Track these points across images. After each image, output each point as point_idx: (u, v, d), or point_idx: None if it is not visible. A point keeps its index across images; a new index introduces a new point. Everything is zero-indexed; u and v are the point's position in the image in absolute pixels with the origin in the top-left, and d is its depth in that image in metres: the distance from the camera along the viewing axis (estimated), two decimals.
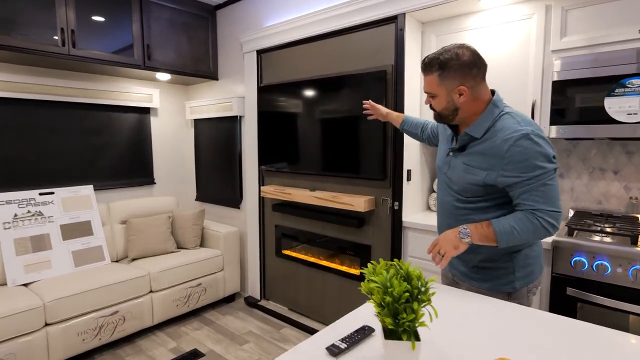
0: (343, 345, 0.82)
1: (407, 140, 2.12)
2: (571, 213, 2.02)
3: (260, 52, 2.79)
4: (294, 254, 2.77)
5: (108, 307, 2.29)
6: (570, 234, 1.61)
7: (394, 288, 0.70)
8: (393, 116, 1.75)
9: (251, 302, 3.00)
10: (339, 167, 2.34)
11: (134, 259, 2.75)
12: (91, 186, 2.79)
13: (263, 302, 2.98)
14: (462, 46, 1.20)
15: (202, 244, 3.08)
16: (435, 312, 0.69)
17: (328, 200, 2.33)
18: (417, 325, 0.71)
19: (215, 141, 3.26)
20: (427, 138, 1.64)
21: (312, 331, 2.56)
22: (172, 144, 3.44)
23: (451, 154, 1.31)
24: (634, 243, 1.47)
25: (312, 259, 2.66)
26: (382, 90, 2.08)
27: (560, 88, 1.72)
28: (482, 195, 1.21)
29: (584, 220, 1.76)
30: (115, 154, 3.05)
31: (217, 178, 3.30)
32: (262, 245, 2.98)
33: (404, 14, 1.99)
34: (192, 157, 3.54)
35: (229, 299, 3.07)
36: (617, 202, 1.92)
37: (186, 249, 2.95)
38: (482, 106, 1.21)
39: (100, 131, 2.95)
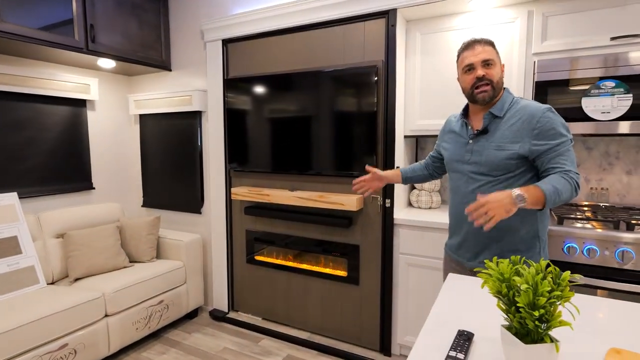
0: (461, 355, 0.74)
1: (398, 137, 2.11)
2: None
3: (226, 42, 2.55)
4: (268, 260, 2.59)
5: (54, 341, 1.88)
6: (560, 222, 1.74)
7: (541, 288, 0.64)
8: (389, 175, 1.72)
9: (218, 316, 2.73)
10: (323, 166, 2.24)
11: (77, 279, 2.31)
12: (15, 194, 2.27)
13: (232, 315, 2.74)
14: None
15: (158, 255, 2.72)
16: (577, 309, 0.65)
17: (313, 200, 2.21)
18: (555, 326, 0.66)
19: (168, 139, 2.90)
20: (434, 169, 1.73)
21: (293, 340, 2.41)
22: (113, 143, 2.98)
23: (471, 141, 1.40)
24: (616, 228, 1.64)
25: (291, 264, 2.51)
26: (372, 87, 2.04)
27: (541, 88, 1.85)
28: (514, 170, 1.31)
29: (562, 209, 1.94)
30: (45, 154, 2.53)
31: (170, 181, 2.94)
32: (230, 253, 2.73)
33: (396, 9, 1.98)
34: (137, 157, 3.11)
35: (192, 315, 2.76)
36: (580, 193, 2.14)
37: (141, 262, 2.57)
38: (501, 91, 1.40)
39: (25, 126, 2.42)
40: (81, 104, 2.71)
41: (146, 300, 2.33)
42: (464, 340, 0.80)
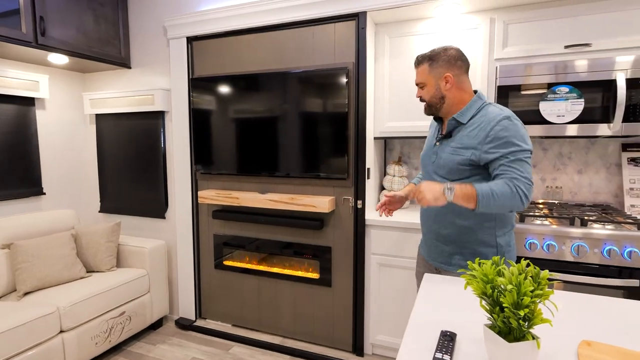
0: (447, 357, 0.75)
1: (368, 139, 2.13)
2: None
3: (191, 40, 2.46)
4: (238, 264, 2.52)
5: None
6: (522, 220, 1.83)
7: (524, 287, 0.67)
8: (407, 190, 1.65)
9: (185, 325, 2.62)
10: (294, 168, 2.21)
11: (26, 293, 2.12)
12: None
13: (200, 323, 2.64)
14: (449, 45, 1.42)
15: (119, 264, 2.57)
16: (556, 306, 0.68)
17: (285, 202, 2.18)
18: (537, 323, 0.69)
19: (129, 140, 2.75)
20: None
21: (265, 345, 2.36)
22: (66, 144, 2.78)
23: (437, 143, 1.44)
24: (572, 224, 1.76)
25: (261, 267, 2.46)
26: (343, 89, 2.04)
27: (503, 92, 1.94)
28: (468, 176, 1.33)
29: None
30: None
31: (131, 184, 2.79)
32: (196, 258, 2.63)
33: (366, 12, 1.99)
34: (93, 159, 2.92)
35: (156, 326, 2.63)
36: (536, 191, 2.27)
37: (100, 272, 2.41)
38: (468, 97, 1.40)
39: None
40: (29, 102, 2.50)
41: (106, 313, 2.19)
42: (447, 341, 0.81)
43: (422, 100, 1.45)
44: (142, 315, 2.43)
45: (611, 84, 1.76)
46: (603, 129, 1.80)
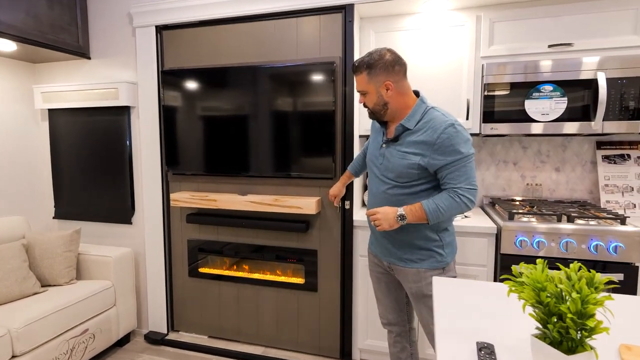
0: None
1: (355, 137, 2.05)
2: (485, 201, 2.34)
3: (161, 29, 2.25)
4: (215, 271, 2.35)
5: None
6: (511, 218, 1.83)
7: (584, 294, 0.61)
8: (345, 180, 1.91)
9: (155, 339, 2.41)
10: (277, 168, 2.09)
11: None
12: None
13: (172, 336, 2.44)
14: (384, 49, 1.40)
15: (79, 276, 2.31)
16: (612, 313, 0.63)
17: (268, 204, 2.05)
18: (597, 332, 0.63)
19: (89, 139, 2.48)
20: None
21: (246, 357, 2.22)
22: (12, 143, 2.46)
23: (384, 145, 1.47)
24: (559, 220, 1.78)
25: (240, 274, 2.31)
26: (330, 85, 1.94)
27: (489, 90, 1.94)
28: (416, 179, 1.39)
29: (507, 205, 2.05)
30: None
31: (92, 187, 2.52)
32: (168, 266, 2.43)
33: (353, 4, 1.91)
34: (46, 160, 2.62)
35: (123, 342, 2.40)
36: (517, 188, 2.31)
37: (57, 285, 2.15)
38: (411, 102, 1.43)
39: None
40: None
41: (66, 332, 1.95)
42: (487, 354, 0.74)
43: (365, 106, 1.47)
44: (108, 332, 2.20)
45: (592, 83, 1.80)
46: (585, 127, 1.84)
